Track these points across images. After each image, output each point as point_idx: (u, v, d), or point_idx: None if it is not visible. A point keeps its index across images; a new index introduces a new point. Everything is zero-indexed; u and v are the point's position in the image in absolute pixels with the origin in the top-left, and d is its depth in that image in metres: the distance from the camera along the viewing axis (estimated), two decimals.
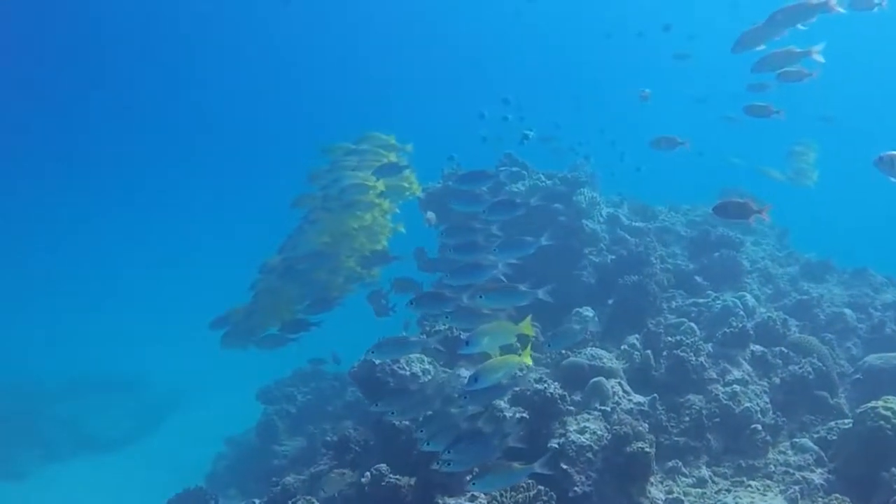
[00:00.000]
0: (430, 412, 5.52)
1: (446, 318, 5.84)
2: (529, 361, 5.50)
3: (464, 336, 5.28)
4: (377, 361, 7.10)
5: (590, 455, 5.87)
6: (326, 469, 7.02)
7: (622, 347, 7.69)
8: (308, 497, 6.17)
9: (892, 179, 4.93)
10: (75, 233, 33.72)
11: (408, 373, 7.07)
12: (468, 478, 4.89)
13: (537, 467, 4.91)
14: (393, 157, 9.17)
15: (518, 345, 5.72)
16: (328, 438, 7.78)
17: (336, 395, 12.07)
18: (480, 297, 5.83)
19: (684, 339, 7.31)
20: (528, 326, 5.45)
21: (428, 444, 5.10)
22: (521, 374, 6.31)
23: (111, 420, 19.95)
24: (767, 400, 7.06)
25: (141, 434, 19.81)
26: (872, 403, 6.11)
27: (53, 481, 16.91)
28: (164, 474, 16.63)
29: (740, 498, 5.41)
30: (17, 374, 21.14)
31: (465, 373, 7.10)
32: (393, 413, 5.69)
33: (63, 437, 18.88)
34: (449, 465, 4.83)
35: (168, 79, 42.60)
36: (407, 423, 6.40)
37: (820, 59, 6.70)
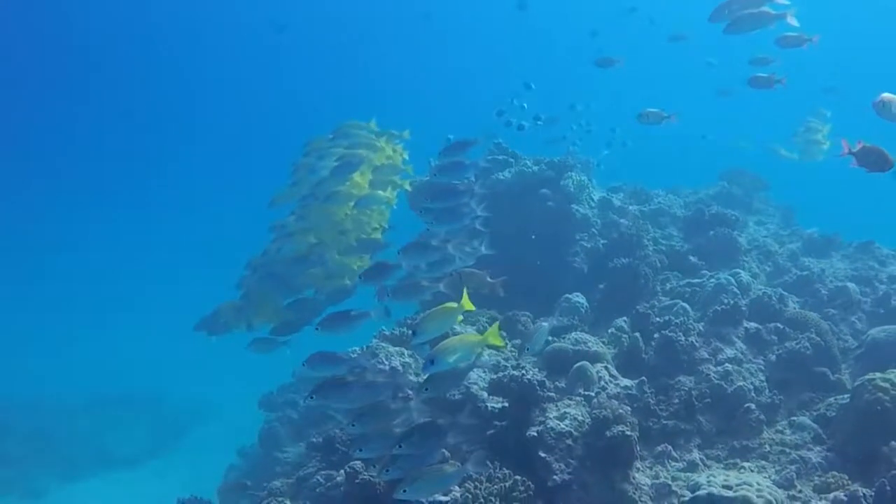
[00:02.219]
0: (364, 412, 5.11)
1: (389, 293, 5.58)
2: (499, 342, 5.25)
3: (427, 355, 5.01)
4: (354, 357, 6.86)
5: (569, 441, 5.60)
6: (313, 471, 6.80)
7: (609, 331, 7.42)
8: (280, 498, 5.96)
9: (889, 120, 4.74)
10: (90, 247, 33.78)
11: (387, 367, 6.82)
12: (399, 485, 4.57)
13: (470, 467, 4.71)
14: (385, 145, 8.95)
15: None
16: (314, 440, 7.55)
17: None
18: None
19: (673, 318, 7.03)
20: (495, 335, 5.16)
21: (361, 450, 4.82)
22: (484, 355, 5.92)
23: (130, 436, 19.90)
24: (763, 378, 6.76)
25: (160, 449, 19.75)
26: (870, 375, 5.83)
27: (73, 499, 16.85)
28: (183, 489, 16.54)
29: (714, 476, 5.11)
30: (37, 391, 21.12)
31: None
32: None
33: (82, 454, 18.83)
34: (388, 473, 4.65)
35: (164, 80, 42.62)
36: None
37: (793, 22, 6.45)
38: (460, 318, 5.32)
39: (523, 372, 6.02)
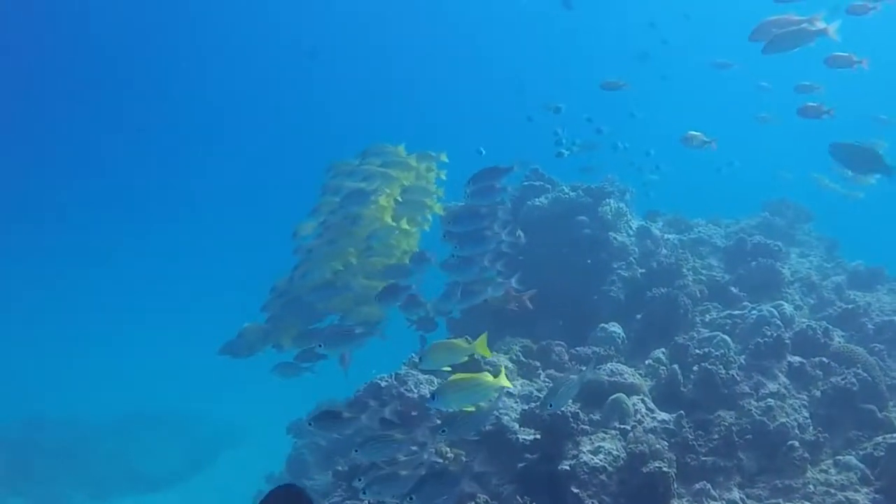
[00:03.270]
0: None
1: None
2: (508, 383, 5.08)
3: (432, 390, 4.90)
4: (383, 384, 6.71)
5: (603, 477, 5.39)
6: (339, 501, 6.61)
7: (647, 362, 7.18)
8: None
9: None
10: (121, 265, 33.98)
11: (415, 395, 6.65)
12: None
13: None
14: (417, 165, 8.80)
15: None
16: (339, 468, 7.36)
17: None
18: None
19: (713, 350, 6.78)
20: (483, 346, 4.99)
21: (364, 492, 4.61)
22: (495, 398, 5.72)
23: (160, 458, 19.89)
24: (807, 415, 6.48)
25: (189, 472, 19.72)
26: None
27: None
28: None
29: None
30: (68, 409, 21.18)
31: None
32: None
33: (111, 475, 18.85)
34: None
35: (198, 97, 42.95)
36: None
37: (835, 37, 6.23)
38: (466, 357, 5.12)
39: None
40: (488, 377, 5.00)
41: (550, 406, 5.02)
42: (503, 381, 5.01)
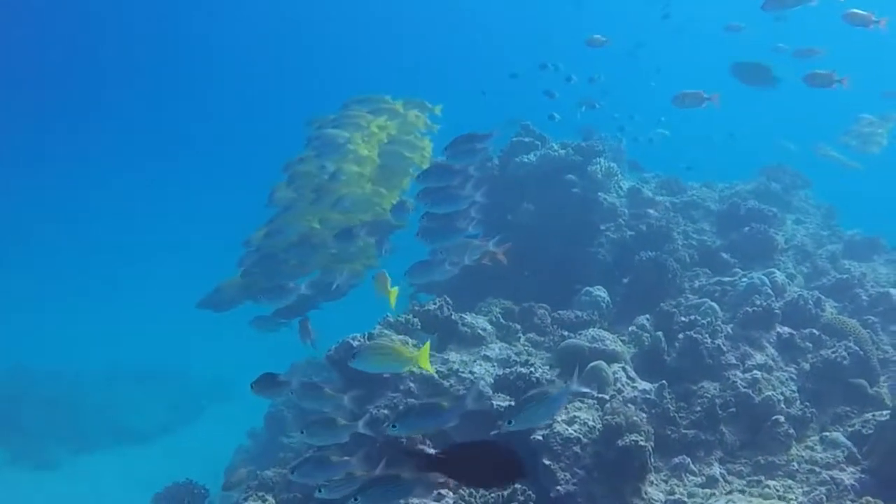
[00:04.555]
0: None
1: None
2: (428, 368, 4.88)
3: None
4: (355, 344, 6.42)
5: (577, 449, 5.12)
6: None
7: (630, 329, 6.90)
8: (262, 493, 5.55)
9: None
10: (104, 222, 33.81)
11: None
12: None
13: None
14: (416, 118, 8.47)
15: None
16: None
17: None
18: None
19: (699, 319, 6.49)
20: (425, 360, 4.72)
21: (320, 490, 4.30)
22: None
23: (145, 412, 19.75)
24: (794, 388, 6.22)
25: (174, 426, 19.59)
26: None
27: (84, 472, 16.69)
28: (195, 467, 16.29)
29: (733, 501, 4.59)
30: (55, 361, 21.00)
31: (456, 357, 6.46)
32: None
33: (98, 428, 18.71)
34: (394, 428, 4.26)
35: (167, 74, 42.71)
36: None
37: None
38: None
39: (532, 370, 5.55)
40: (409, 353, 4.77)
41: (510, 423, 4.08)
42: (424, 363, 4.76)
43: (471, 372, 6.20)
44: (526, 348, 6.85)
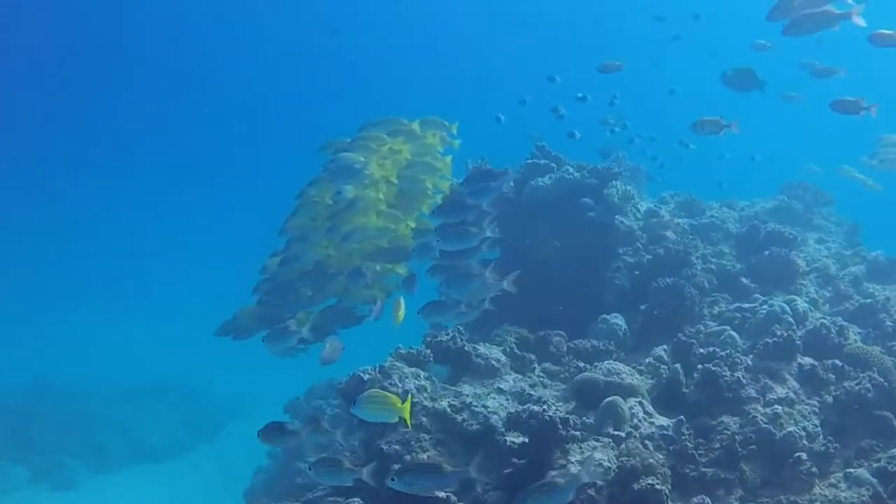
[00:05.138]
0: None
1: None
2: (407, 420, 4.94)
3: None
4: (366, 378, 6.32)
5: (592, 492, 4.98)
6: (321, 495, 6.28)
7: (647, 361, 6.75)
8: None
9: None
10: (126, 238, 33.99)
11: (400, 390, 6.25)
12: None
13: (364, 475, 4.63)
14: (433, 138, 8.33)
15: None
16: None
17: None
18: None
19: (718, 350, 6.34)
20: (407, 412, 4.83)
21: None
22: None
23: (165, 428, 19.76)
24: (817, 423, 6.04)
25: (194, 443, 19.59)
26: None
27: (103, 493, 16.65)
28: (215, 486, 16.25)
29: None
30: (74, 378, 21.02)
31: (469, 390, 6.35)
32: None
33: (116, 445, 18.71)
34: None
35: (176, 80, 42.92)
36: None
37: (860, 21, 5.72)
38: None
39: (545, 408, 5.40)
40: (397, 404, 4.82)
41: None
42: (405, 414, 4.84)
43: (484, 406, 6.08)
44: (541, 380, 6.73)
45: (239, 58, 43.69)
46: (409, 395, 5.11)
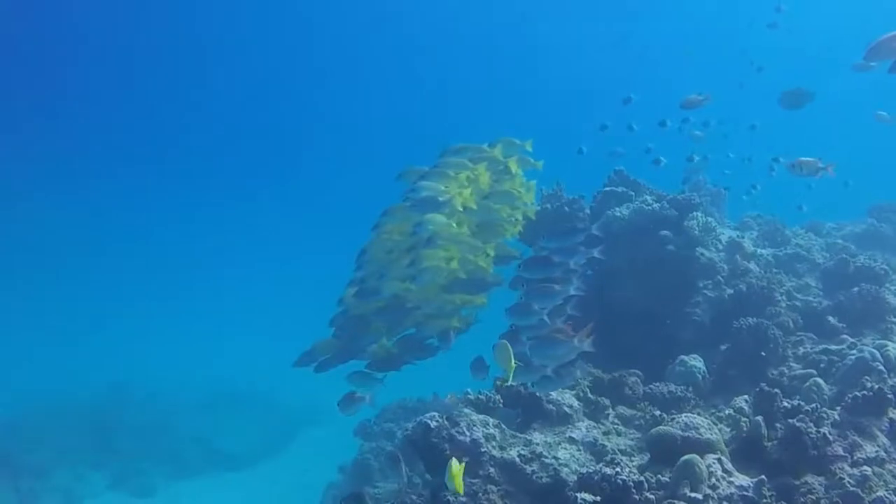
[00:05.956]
0: None
1: None
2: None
3: None
4: (433, 424, 6.16)
5: None
6: None
7: (727, 412, 6.44)
8: None
9: None
10: (206, 246, 34.54)
11: (468, 438, 6.08)
12: None
13: None
14: (513, 165, 8.08)
15: None
16: None
17: None
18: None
19: (803, 404, 6.01)
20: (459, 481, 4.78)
21: None
22: None
23: (241, 436, 19.97)
24: None
25: (270, 451, 19.78)
26: None
27: (180, 500, 16.89)
28: (291, 495, 16.37)
29: None
30: (153, 385, 21.40)
31: (539, 438, 6.16)
32: None
33: (193, 453, 18.98)
34: None
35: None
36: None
37: None
38: None
39: (617, 470, 5.17)
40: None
41: None
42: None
43: (555, 457, 5.88)
44: (615, 427, 6.49)
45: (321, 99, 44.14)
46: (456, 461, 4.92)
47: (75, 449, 17.68)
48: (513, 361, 5.70)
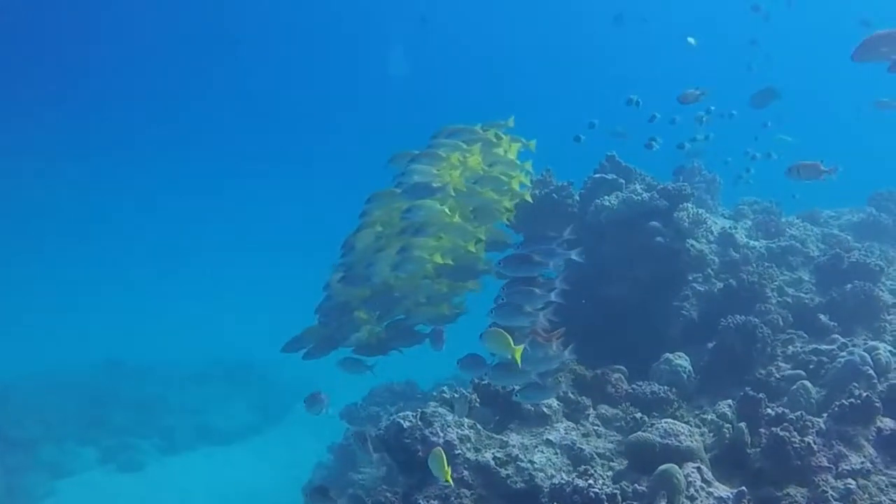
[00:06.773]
0: None
1: None
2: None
3: None
4: (406, 424, 5.97)
5: None
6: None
7: (709, 417, 6.24)
8: None
9: None
10: (201, 218, 34.45)
11: (441, 440, 5.89)
12: None
13: None
14: (507, 148, 7.78)
15: None
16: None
17: None
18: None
19: (787, 412, 5.80)
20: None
21: None
22: None
23: (234, 411, 19.90)
24: (895, 497, 5.48)
25: (261, 427, 19.68)
26: None
27: (170, 475, 16.79)
28: (281, 472, 16.28)
29: None
30: (146, 360, 21.30)
31: (516, 440, 5.98)
32: None
33: (184, 427, 18.89)
34: None
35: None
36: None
37: None
38: None
39: (590, 482, 4.97)
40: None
41: None
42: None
43: (531, 461, 5.71)
44: (595, 428, 6.31)
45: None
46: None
47: (64, 423, 17.56)
48: (513, 345, 5.48)
